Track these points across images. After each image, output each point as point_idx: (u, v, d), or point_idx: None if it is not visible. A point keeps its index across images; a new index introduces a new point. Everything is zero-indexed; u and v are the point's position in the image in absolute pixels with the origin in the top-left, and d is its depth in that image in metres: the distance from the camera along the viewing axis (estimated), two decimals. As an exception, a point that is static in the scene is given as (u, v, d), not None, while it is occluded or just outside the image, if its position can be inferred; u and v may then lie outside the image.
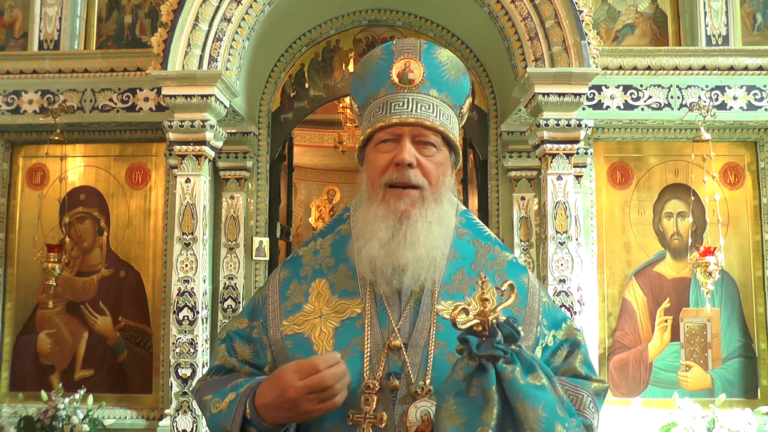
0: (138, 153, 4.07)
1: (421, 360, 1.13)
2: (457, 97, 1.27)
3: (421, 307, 1.18)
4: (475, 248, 1.28)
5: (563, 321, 1.29)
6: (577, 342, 1.27)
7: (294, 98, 4.24)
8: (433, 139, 1.20)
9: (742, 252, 3.92)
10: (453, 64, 1.27)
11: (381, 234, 1.17)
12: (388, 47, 1.28)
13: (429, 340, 1.15)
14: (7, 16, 4.04)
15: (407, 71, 1.23)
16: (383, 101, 1.23)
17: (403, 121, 1.19)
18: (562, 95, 3.25)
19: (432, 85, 1.23)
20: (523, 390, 0.96)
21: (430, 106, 1.21)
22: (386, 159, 1.20)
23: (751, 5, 3.95)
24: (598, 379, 1.24)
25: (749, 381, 3.84)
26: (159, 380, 3.89)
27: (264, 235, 4.09)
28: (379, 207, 1.19)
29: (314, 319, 1.20)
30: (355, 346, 1.15)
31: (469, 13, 3.67)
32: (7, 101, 3.79)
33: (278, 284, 1.29)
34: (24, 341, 3.99)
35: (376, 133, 1.22)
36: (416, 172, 1.18)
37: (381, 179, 1.20)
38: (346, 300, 1.21)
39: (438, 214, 1.20)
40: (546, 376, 1.00)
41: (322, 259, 1.29)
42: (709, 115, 3.61)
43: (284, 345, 1.20)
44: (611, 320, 3.91)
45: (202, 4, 3.31)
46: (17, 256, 4.03)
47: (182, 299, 3.32)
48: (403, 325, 1.17)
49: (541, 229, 3.42)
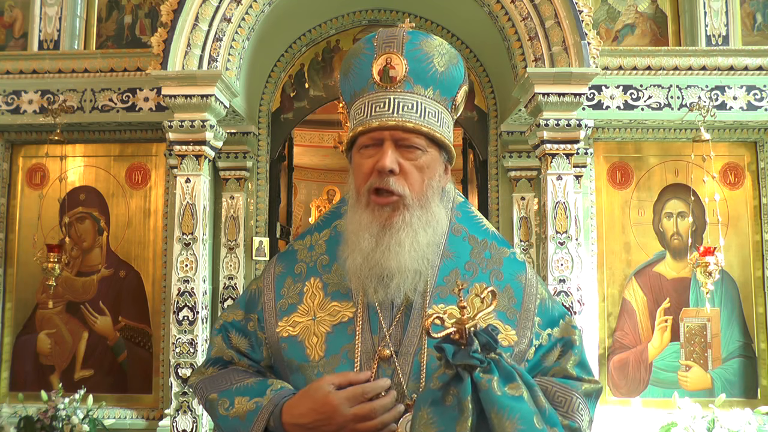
0: (138, 153, 4.07)
1: (412, 369, 1.10)
2: (447, 90, 1.19)
3: (412, 313, 1.14)
4: (471, 246, 1.23)
5: (561, 318, 1.24)
6: (571, 342, 1.22)
7: (294, 98, 4.24)
8: (416, 142, 1.14)
9: (742, 252, 3.92)
10: (440, 54, 1.18)
11: (364, 244, 1.13)
12: (369, 40, 1.21)
13: (421, 347, 1.11)
14: (7, 16, 4.04)
15: (388, 68, 1.16)
16: (365, 102, 1.18)
17: (383, 125, 1.13)
18: (562, 95, 3.25)
19: (416, 81, 1.16)
20: (499, 401, 0.93)
21: (413, 106, 1.14)
22: (369, 165, 1.15)
23: (751, 5, 3.95)
24: (590, 380, 1.20)
25: (749, 381, 3.84)
26: (159, 380, 3.89)
27: (264, 235, 4.09)
28: (363, 214, 1.15)
29: (308, 321, 1.18)
30: (346, 353, 1.12)
31: (469, 13, 3.67)
32: (7, 101, 3.79)
33: (273, 280, 1.27)
34: (24, 341, 3.99)
35: (358, 138, 1.18)
36: (397, 179, 1.13)
37: (365, 186, 1.15)
38: (339, 303, 1.18)
39: (425, 220, 1.15)
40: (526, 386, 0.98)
41: (317, 256, 1.26)
42: (709, 115, 3.61)
43: (280, 347, 1.19)
44: (611, 320, 3.91)
45: (202, 4, 3.31)
46: (17, 256, 4.03)
47: (182, 299, 3.32)
48: (394, 332, 1.14)
49: (541, 229, 3.42)
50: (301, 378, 1.15)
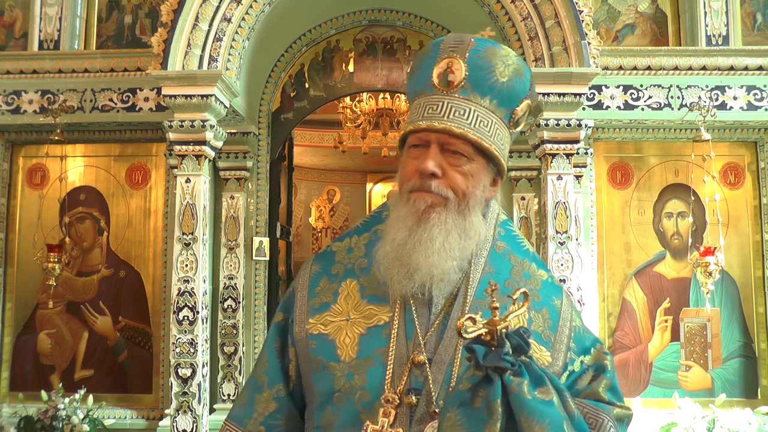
0: (138, 153, 4.07)
1: (444, 377, 1.10)
2: (506, 102, 1.17)
3: (450, 322, 1.13)
4: (511, 264, 1.23)
5: (592, 346, 1.24)
6: (603, 366, 1.22)
7: (294, 98, 4.24)
8: (462, 148, 1.13)
9: (742, 252, 3.92)
10: (505, 65, 1.16)
11: (397, 235, 1.14)
12: (437, 43, 1.21)
13: (455, 357, 1.11)
14: (7, 16, 4.04)
15: (448, 72, 1.15)
16: (422, 102, 1.18)
17: (430, 126, 1.13)
18: (562, 95, 3.25)
19: (474, 89, 1.14)
20: (529, 405, 0.92)
21: (465, 112, 1.13)
22: (413, 165, 1.15)
23: (751, 5, 3.95)
24: (622, 405, 1.18)
25: (749, 381, 3.84)
26: (159, 380, 3.89)
27: (264, 235, 4.09)
28: (402, 209, 1.16)
29: (341, 321, 1.18)
30: (378, 356, 1.12)
31: (469, 13, 3.67)
32: (7, 101, 3.79)
33: (308, 279, 1.27)
34: (24, 341, 3.99)
35: (408, 136, 1.18)
36: (440, 182, 1.12)
37: (406, 186, 1.16)
38: (375, 306, 1.18)
39: (462, 227, 1.14)
40: (556, 391, 0.97)
41: (356, 259, 1.25)
42: (709, 115, 3.60)
43: (308, 344, 1.19)
44: (611, 320, 3.91)
45: (202, 4, 3.31)
46: (17, 256, 4.03)
47: (182, 299, 3.31)
48: (429, 339, 1.13)
49: (541, 229, 3.42)
50: (328, 377, 1.14)
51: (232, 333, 3.85)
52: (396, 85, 4.29)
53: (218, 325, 3.84)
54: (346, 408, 1.11)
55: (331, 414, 1.12)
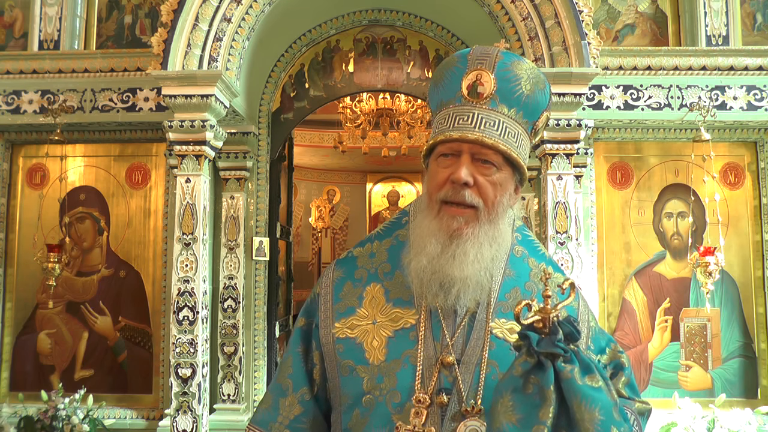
0: (138, 153, 4.07)
1: (473, 378, 1.13)
2: (530, 113, 1.22)
3: (476, 324, 1.17)
4: (530, 267, 1.27)
5: (607, 346, 1.28)
6: (620, 364, 1.26)
7: (294, 98, 4.24)
8: (493, 159, 1.16)
9: (742, 252, 3.92)
10: (529, 78, 1.20)
11: (430, 249, 1.16)
12: (464, 55, 1.23)
13: (482, 358, 1.14)
14: (7, 16, 4.05)
15: (477, 84, 1.19)
16: (450, 112, 1.20)
17: (463, 137, 1.15)
18: (562, 95, 3.25)
19: (502, 101, 1.18)
20: (581, 390, 0.95)
21: (495, 124, 1.17)
22: (444, 175, 1.17)
23: (751, 5, 3.95)
24: (641, 400, 1.23)
25: (749, 381, 3.84)
26: (159, 380, 3.89)
27: (264, 235, 4.09)
28: (432, 222, 1.18)
29: (367, 325, 1.20)
30: (407, 358, 1.15)
31: (469, 13, 3.67)
32: (7, 101, 3.79)
33: (332, 283, 1.29)
34: (24, 341, 3.99)
35: (438, 146, 1.20)
36: (472, 192, 1.15)
37: (437, 194, 1.17)
38: (401, 309, 1.20)
39: (492, 235, 1.17)
40: (602, 379, 0.99)
41: (378, 264, 1.28)
42: (709, 115, 3.61)
43: (335, 348, 1.20)
44: (611, 320, 3.91)
45: (202, 4, 3.31)
46: (17, 256, 4.03)
47: (182, 299, 3.32)
48: (457, 341, 1.16)
49: (541, 229, 3.42)
50: (358, 380, 1.16)
51: (232, 333, 3.85)
52: (396, 85, 4.29)
53: (218, 325, 3.84)
54: (377, 410, 1.13)
55: (360, 416, 1.14)
